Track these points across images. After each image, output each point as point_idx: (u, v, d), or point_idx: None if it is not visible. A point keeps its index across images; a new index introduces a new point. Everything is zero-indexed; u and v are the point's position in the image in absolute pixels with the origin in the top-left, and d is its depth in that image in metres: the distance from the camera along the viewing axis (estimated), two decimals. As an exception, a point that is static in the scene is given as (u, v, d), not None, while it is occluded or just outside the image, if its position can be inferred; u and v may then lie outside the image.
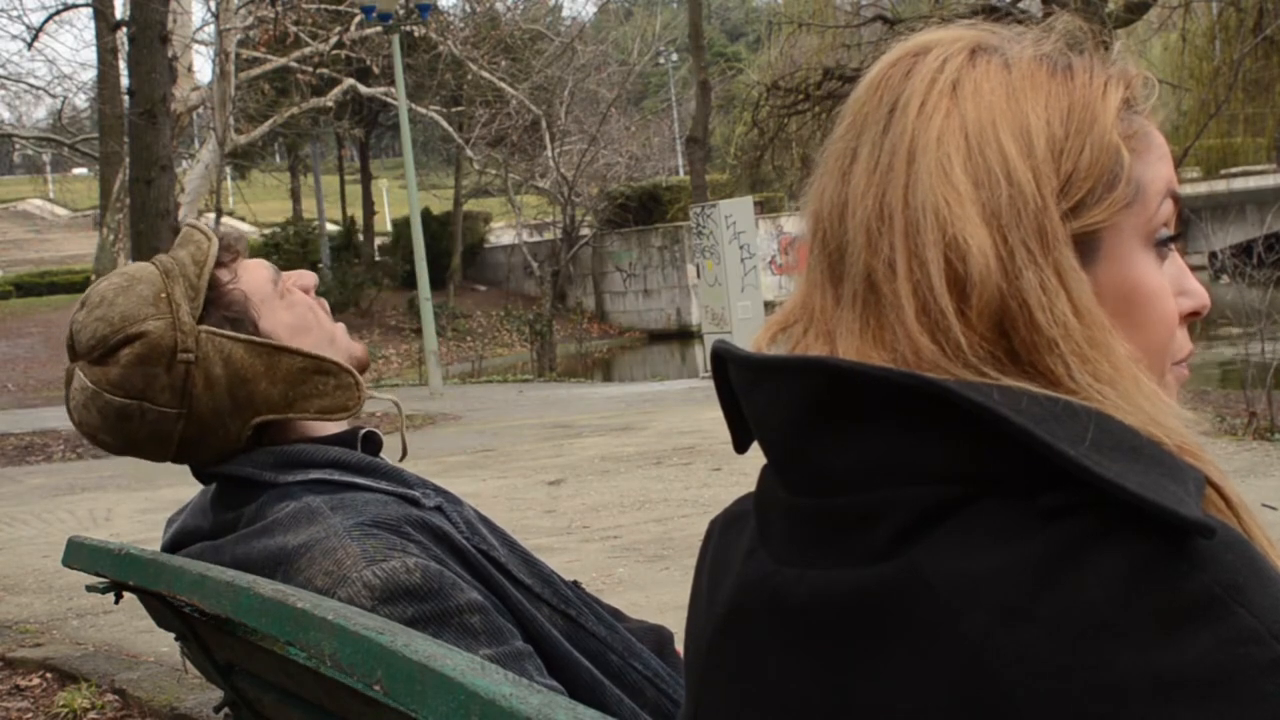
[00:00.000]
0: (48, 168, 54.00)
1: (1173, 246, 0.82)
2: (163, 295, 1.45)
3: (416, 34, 24.94)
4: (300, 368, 1.48)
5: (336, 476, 1.47)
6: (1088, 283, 0.75)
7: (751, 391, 0.80)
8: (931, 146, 0.75)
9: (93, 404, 1.45)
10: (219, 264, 1.52)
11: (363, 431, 1.54)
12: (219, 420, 1.47)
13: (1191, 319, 0.84)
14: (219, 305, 1.49)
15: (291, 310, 1.54)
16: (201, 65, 58.08)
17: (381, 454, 1.57)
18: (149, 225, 18.05)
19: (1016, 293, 0.72)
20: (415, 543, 1.38)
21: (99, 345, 1.44)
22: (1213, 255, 16.88)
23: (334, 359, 1.51)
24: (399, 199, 36.20)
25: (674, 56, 47.18)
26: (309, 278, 1.60)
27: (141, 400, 1.44)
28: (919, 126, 0.76)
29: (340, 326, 1.61)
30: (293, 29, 23.52)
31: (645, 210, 32.73)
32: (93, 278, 25.36)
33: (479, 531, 1.49)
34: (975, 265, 0.72)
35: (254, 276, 1.54)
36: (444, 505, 1.48)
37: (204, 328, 1.46)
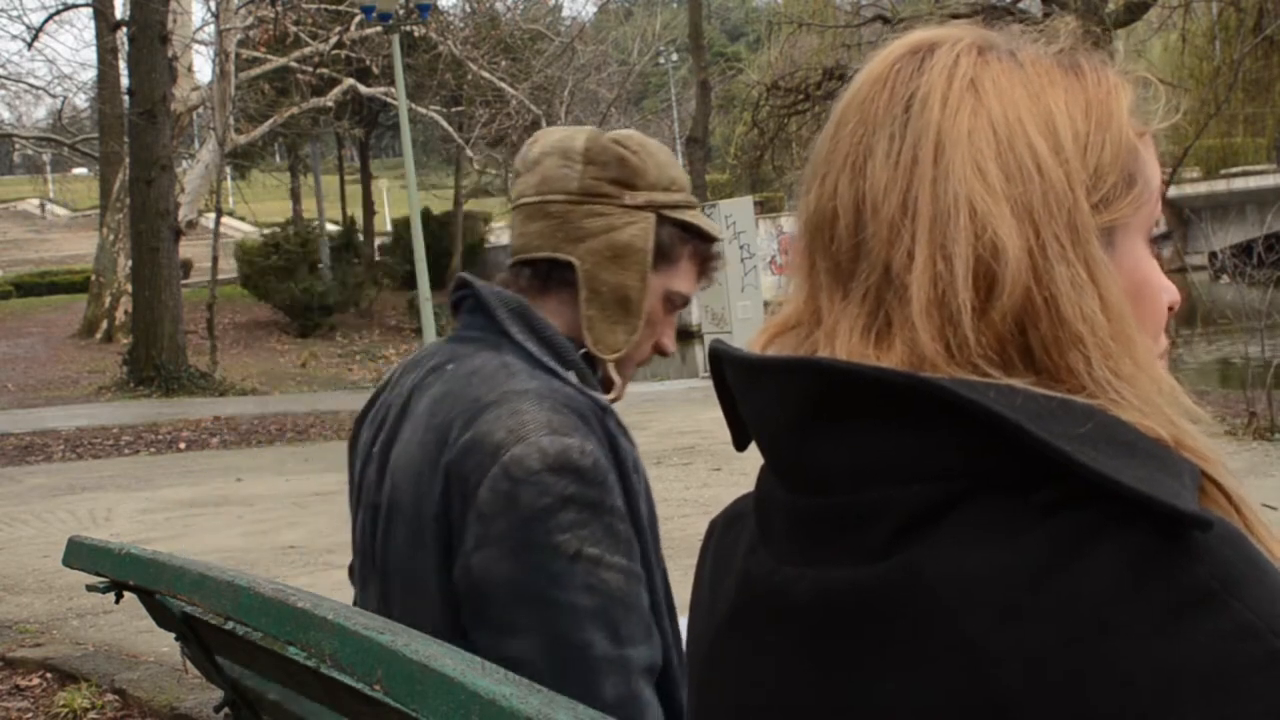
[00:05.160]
0: (48, 168, 53.97)
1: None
2: (675, 184, 1.61)
3: (416, 34, 24.92)
4: (630, 295, 1.58)
5: (550, 361, 1.52)
6: (1118, 278, 0.75)
7: (748, 392, 0.80)
8: (962, 141, 0.75)
9: (577, 133, 1.62)
10: (703, 248, 1.64)
11: (582, 351, 1.59)
12: (568, 230, 1.57)
13: (1169, 314, 0.85)
14: (674, 234, 1.60)
15: (660, 311, 1.62)
16: (201, 65, 58.08)
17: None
18: (149, 225, 18.04)
19: (1046, 288, 0.72)
20: (595, 437, 1.42)
21: (629, 137, 1.63)
22: (1213, 255, 16.88)
23: (639, 326, 1.58)
24: (399, 199, 36.20)
25: (674, 56, 47.13)
26: (670, 346, 1.68)
27: (582, 164, 1.58)
28: (945, 121, 0.75)
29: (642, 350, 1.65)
30: (293, 29, 23.54)
31: (645, 210, 32.66)
32: (93, 278, 25.40)
33: (642, 486, 1.53)
34: (1008, 262, 0.72)
35: (689, 277, 1.63)
36: (627, 439, 1.53)
37: (654, 216, 1.58)
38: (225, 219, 24.40)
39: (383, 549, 1.50)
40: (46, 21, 26.55)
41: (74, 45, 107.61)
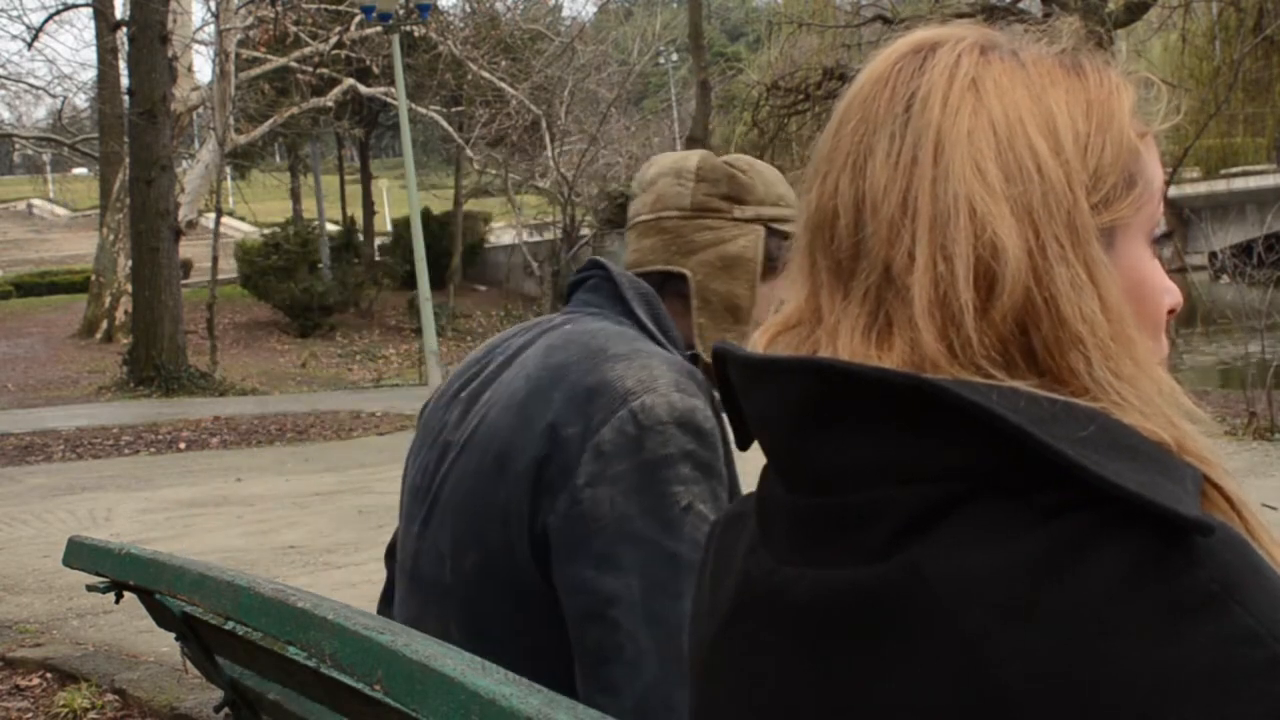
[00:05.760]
0: (48, 168, 53.97)
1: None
2: (783, 200, 1.67)
3: (416, 34, 24.94)
4: (740, 303, 1.64)
5: (664, 344, 1.56)
6: (1117, 279, 0.75)
7: (751, 391, 0.80)
8: (962, 141, 0.74)
9: (691, 154, 1.70)
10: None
11: (691, 353, 1.63)
12: (680, 244, 1.63)
13: (1170, 316, 0.84)
14: (783, 246, 1.63)
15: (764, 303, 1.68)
16: (201, 65, 58.04)
17: None
18: (149, 225, 18.04)
19: (1045, 288, 0.72)
20: (713, 408, 1.46)
21: (739, 159, 1.70)
22: (1213, 255, 16.89)
23: (749, 333, 1.61)
24: (399, 199, 36.16)
25: (674, 56, 47.11)
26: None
27: (694, 181, 1.65)
28: (945, 121, 0.75)
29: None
30: (293, 29, 23.55)
31: (645, 210, 32.65)
32: (93, 278, 25.41)
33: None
34: (1008, 262, 0.72)
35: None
36: None
37: (764, 229, 1.64)
38: (225, 219, 24.40)
39: (444, 479, 1.51)
40: (46, 21, 26.57)
41: (74, 45, 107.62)
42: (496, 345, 1.63)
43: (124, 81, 20.72)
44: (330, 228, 35.64)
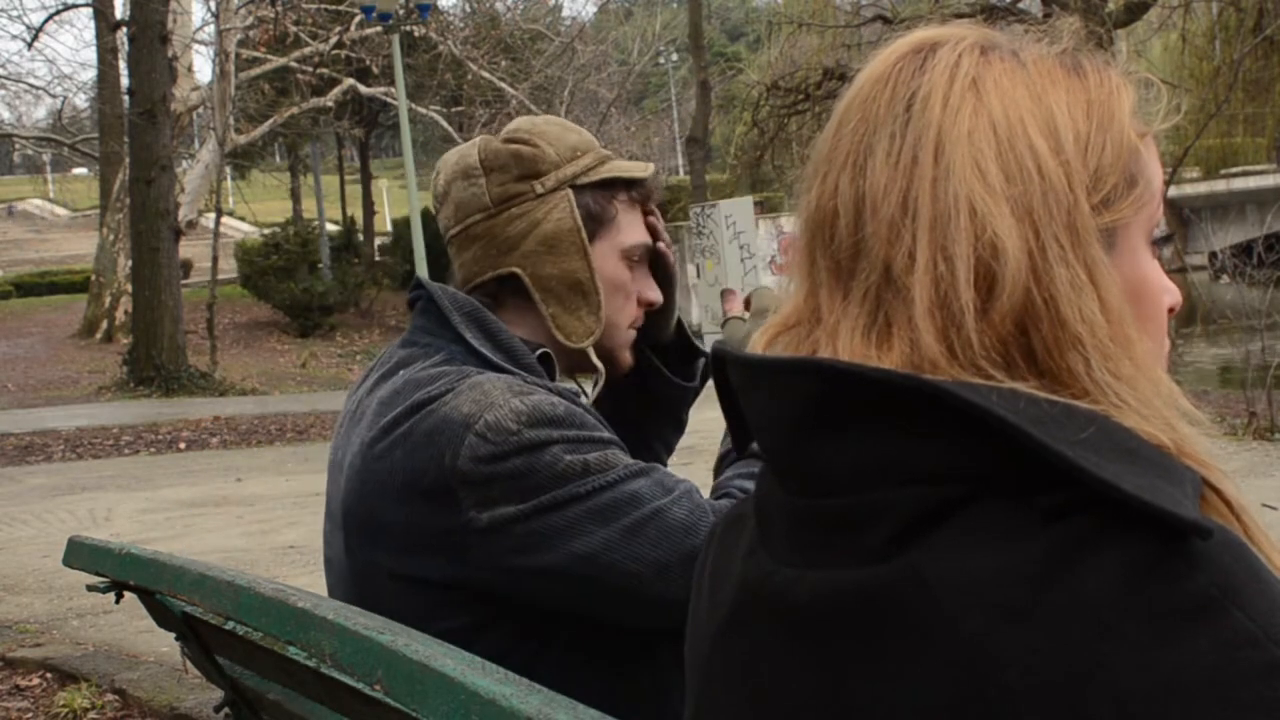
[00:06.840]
0: (48, 168, 54.01)
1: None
2: (578, 150, 1.60)
3: (416, 34, 24.93)
4: (579, 277, 1.57)
5: (505, 364, 1.51)
6: (1117, 279, 0.75)
7: (750, 392, 0.80)
8: (962, 141, 0.75)
9: (469, 149, 1.62)
10: (635, 192, 1.63)
11: (539, 351, 1.57)
12: (498, 244, 1.57)
13: (1169, 315, 0.85)
14: (598, 197, 1.59)
15: (624, 272, 1.61)
16: (201, 65, 58.11)
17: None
18: (149, 225, 18.03)
19: (1045, 289, 0.72)
20: (558, 395, 1.44)
21: (516, 129, 1.62)
22: (1213, 255, 16.89)
23: (601, 303, 1.58)
24: (399, 199, 36.17)
25: (674, 56, 47.14)
26: (654, 295, 1.67)
27: (484, 176, 1.58)
28: (945, 121, 0.75)
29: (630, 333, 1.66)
30: (293, 29, 23.54)
31: (645, 210, 32.64)
32: (93, 278, 25.41)
33: None
34: (1008, 263, 0.72)
35: (635, 227, 1.63)
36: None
37: (571, 191, 1.57)
38: (225, 219, 24.39)
39: (333, 554, 1.50)
40: (46, 21, 26.56)
41: (74, 45, 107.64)
42: (353, 393, 1.60)
43: (124, 81, 20.70)
44: (330, 228, 35.59)
